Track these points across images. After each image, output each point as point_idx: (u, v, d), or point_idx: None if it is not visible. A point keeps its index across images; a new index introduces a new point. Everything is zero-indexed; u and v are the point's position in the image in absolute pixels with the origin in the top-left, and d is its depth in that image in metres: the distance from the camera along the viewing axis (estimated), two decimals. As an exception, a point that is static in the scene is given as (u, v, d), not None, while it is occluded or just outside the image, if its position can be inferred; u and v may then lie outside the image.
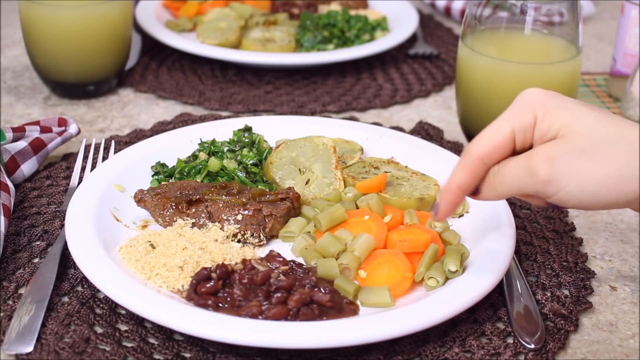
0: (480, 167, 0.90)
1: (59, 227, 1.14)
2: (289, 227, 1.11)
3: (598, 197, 0.86)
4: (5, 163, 1.21)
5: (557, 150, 0.86)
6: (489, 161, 0.90)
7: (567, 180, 0.86)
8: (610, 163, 0.85)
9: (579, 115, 0.88)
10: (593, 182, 0.85)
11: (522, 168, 0.88)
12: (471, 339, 0.97)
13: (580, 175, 0.85)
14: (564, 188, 0.86)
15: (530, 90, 0.91)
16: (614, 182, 0.85)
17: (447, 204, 0.93)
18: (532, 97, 0.90)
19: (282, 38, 1.69)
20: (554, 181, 0.86)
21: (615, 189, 0.86)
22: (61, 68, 1.49)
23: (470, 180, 0.91)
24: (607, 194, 0.86)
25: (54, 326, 0.96)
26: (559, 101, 0.89)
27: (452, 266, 1.01)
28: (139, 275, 1.00)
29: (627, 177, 0.85)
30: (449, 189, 0.92)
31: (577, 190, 0.86)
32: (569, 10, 1.27)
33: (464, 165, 0.90)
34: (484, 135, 0.90)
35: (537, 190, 0.88)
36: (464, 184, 0.91)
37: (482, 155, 0.89)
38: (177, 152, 1.25)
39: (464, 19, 1.32)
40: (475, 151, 0.90)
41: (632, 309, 1.04)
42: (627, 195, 0.86)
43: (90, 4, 1.45)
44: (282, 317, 0.94)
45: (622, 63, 1.56)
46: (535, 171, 0.86)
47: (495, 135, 0.89)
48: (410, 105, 1.58)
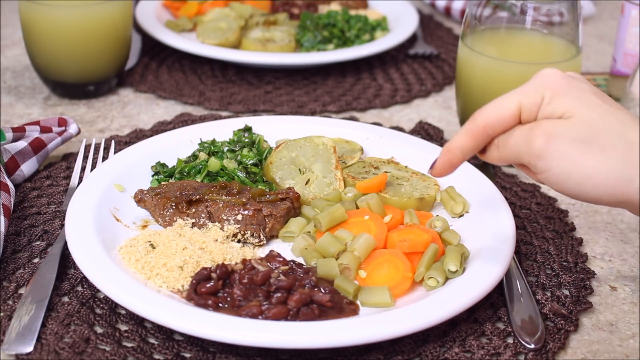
0: (482, 135, 0.92)
1: (59, 227, 1.14)
2: (289, 227, 1.11)
3: (583, 188, 0.86)
4: (5, 163, 1.21)
5: (558, 129, 0.86)
6: (491, 131, 0.91)
7: (557, 161, 0.86)
8: (604, 158, 0.85)
9: (586, 103, 0.87)
10: (582, 171, 0.85)
11: (523, 136, 0.89)
12: (471, 339, 0.97)
13: (571, 161, 0.86)
14: (553, 168, 0.87)
15: (547, 71, 0.92)
16: (603, 178, 0.85)
17: (445, 163, 0.94)
18: (546, 78, 0.91)
19: (282, 38, 1.69)
20: (546, 157, 0.87)
21: (603, 185, 0.85)
22: (61, 68, 1.49)
23: (471, 144, 0.92)
24: (593, 187, 0.86)
25: (54, 326, 0.96)
26: (571, 86, 0.89)
27: (452, 266, 1.01)
28: (139, 275, 1.00)
29: (616, 177, 0.85)
30: (449, 149, 0.94)
31: (565, 175, 0.86)
32: (569, 10, 1.27)
33: (468, 129, 0.92)
34: (492, 105, 0.92)
35: (530, 162, 0.89)
36: (464, 147, 0.93)
37: (486, 125, 0.91)
38: (177, 152, 1.25)
39: (464, 19, 1.32)
40: (481, 119, 0.91)
41: (632, 309, 1.04)
42: (612, 195, 0.86)
43: (90, 4, 1.45)
44: (282, 317, 0.94)
45: (622, 63, 1.56)
46: (532, 142, 0.87)
47: (501, 108, 0.91)
48: (410, 105, 1.58)
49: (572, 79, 0.91)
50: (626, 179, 0.84)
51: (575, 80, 0.91)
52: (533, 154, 0.88)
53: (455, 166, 0.95)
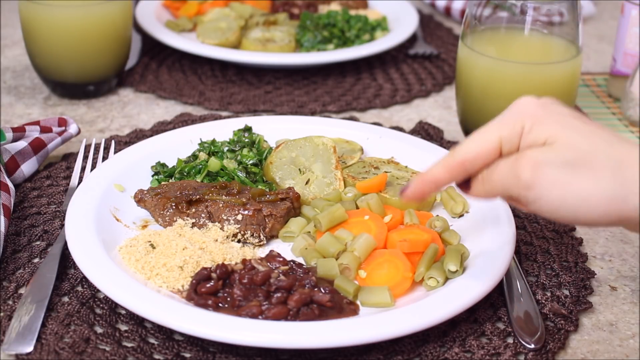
0: (459, 170, 0.90)
1: (59, 227, 1.14)
2: (289, 227, 1.11)
3: (578, 213, 0.84)
4: (5, 163, 1.21)
5: (544, 156, 0.84)
6: (470, 166, 0.89)
7: (548, 189, 0.84)
8: (595, 180, 0.83)
9: (569, 127, 0.86)
10: (575, 196, 0.83)
11: (508, 168, 0.86)
12: (471, 339, 0.97)
13: (562, 187, 0.84)
14: (545, 196, 0.85)
15: (523, 100, 0.89)
16: (596, 200, 0.83)
17: (416, 192, 0.92)
18: (523, 107, 0.88)
19: (282, 38, 1.69)
20: (536, 187, 0.85)
21: (598, 207, 0.83)
22: (61, 68, 1.49)
23: (446, 179, 0.90)
24: (588, 210, 0.83)
25: (54, 326, 0.96)
26: (551, 112, 0.87)
27: (452, 266, 1.01)
28: (139, 275, 1.00)
29: (610, 197, 0.82)
30: (423, 179, 0.92)
31: (558, 202, 0.84)
32: (569, 10, 1.27)
33: (445, 163, 0.90)
34: (471, 140, 0.89)
35: (519, 194, 0.86)
36: (439, 180, 0.91)
37: (464, 160, 0.89)
38: (177, 152, 1.25)
39: (464, 19, 1.32)
40: (459, 154, 0.89)
41: (632, 309, 1.04)
42: (609, 216, 0.84)
43: (90, 4, 1.45)
44: (282, 317, 0.94)
45: (622, 63, 1.56)
46: (519, 174, 0.85)
47: (481, 143, 0.88)
48: (410, 105, 1.58)
49: (549, 104, 0.89)
50: (620, 197, 0.82)
51: (552, 105, 0.89)
52: (522, 185, 0.85)
53: (426, 197, 0.93)
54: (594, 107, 1.56)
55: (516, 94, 1.27)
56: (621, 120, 1.51)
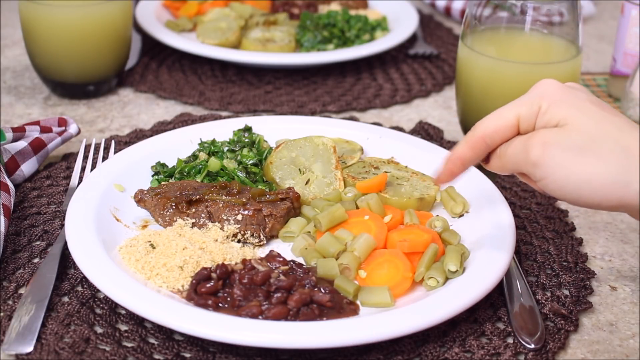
0: (481, 145, 0.95)
1: (59, 227, 1.14)
2: (289, 227, 1.11)
3: (581, 194, 0.88)
4: (5, 163, 1.21)
5: (554, 138, 0.88)
6: (490, 141, 0.94)
7: (554, 169, 0.88)
8: (601, 164, 0.86)
9: (582, 111, 0.89)
10: (579, 177, 0.87)
11: (521, 145, 0.91)
12: (471, 339, 0.97)
13: (568, 167, 0.87)
14: (550, 175, 0.88)
15: (544, 81, 0.93)
16: (599, 183, 0.86)
17: (447, 172, 0.98)
18: (544, 88, 0.92)
19: (282, 38, 1.69)
20: (542, 166, 0.89)
21: (600, 190, 0.87)
22: (61, 68, 1.49)
23: (471, 154, 0.96)
24: (591, 193, 0.87)
25: (54, 326, 0.96)
26: (568, 95, 0.91)
27: (452, 266, 1.01)
28: (139, 275, 1.00)
29: (613, 182, 0.86)
30: (450, 159, 0.97)
31: (562, 181, 0.88)
32: (569, 10, 1.27)
33: (467, 140, 0.96)
34: (491, 117, 0.94)
35: (528, 171, 0.91)
36: (464, 156, 0.96)
37: (484, 135, 0.94)
38: (177, 152, 1.25)
39: (464, 19, 1.32)
40: (479, 130, 0.94)
41: (632, 309, 1.04)
42: (610, 200, 0.87)
43: (90, 4, 1.45)
44: (282, 317, 0.94)
45: (622, 63, 1.56)
46: (529, 151, 0.89)
47: (499, 119, 0.93)
48: (410, 105, 1.58)
49: (570, 89, 0.92)
50: (623, 183, 0.85)
51: (573, 89, 0.92)
52: (530, 162, 0.90)
53: (456, 174, 0.98)
54: (594, 107, 1.56)
55: (516, 94, 1.27)
56: (621, 120, 1.51)
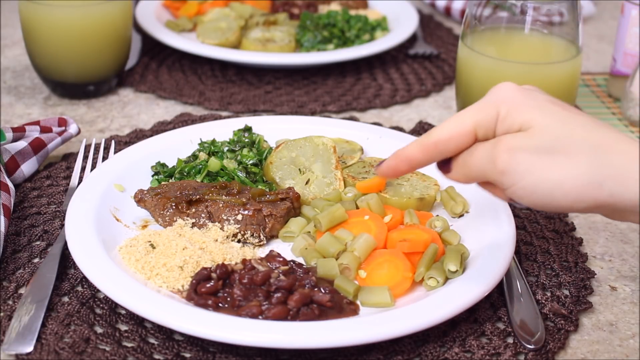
0: (432, 150, 0.90)
1: (59, 227, 1.14)
2: (289, 227, 1.11)
3: (553, 198, 0.84)
4: (5, 163, 1.21)
5: (519, 142, 0.84)
6: (443, 148, 0.89)
7: (522, 175, 0.84)
8: (571, 165, 0.83)
9: (544, 112, 0.85)
10: (549, 181, 0.83)
11: (486, 154, 0.87)
12: (471, 339, 0.97)
13: (536, 172, 0.84)
14: (519, 182, 0.85)
15: (502, 85, 0.90)
16: (571, 185, 0.83)
17: (391, 167, 0.93)
18: (501, 92, 0.89)
19: (282, 38, 1.69)
20: (510, 173, 0.85)
21: (572, 193, 0.83)
22: (61, 68, 1.49)
23: (420, 158, 0.91)
24: (563, 196, 0.83)
25: (54, 326, 0.96)
26: (528, 97, 0.87)
27: (452, 266, 1.01)
28: (139, 275, 1.00)
29: (586, 183, 0.82)
30: (397, 156, 0.93)
31: (532, 187, 0.84)
32: (569, 10, 1.27)
33: (420, 142, 0.91)
34: (447, 123, 0.90)
35: (495, 180, 0.87)
36: (413, 158, 0.91)
37: (437, 141, 0.89)
38: (177, 152, 1.25)
39: (464, 19, 1.32)
40: (434, 135, 0.90)
41: (632, 309, 1.04)
42: (584, 202, 0.83)
43: (90, 4, 1.45)
44: (282, 317, 0.94)
45: (622, 63, 1.56)
46: (495, 159, 0.85)
47: (455, 126, 0.89)
48: (410, 105, 1.58)
49: (527, 90, 0.89)
50: (596, 182, 0.82)
51: (531, 91, 0.89)
52: (497, 170, 0.86)
53: (400, 173, 0.94)
54: (594, 107, 1.56)
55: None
56: (621, 120, 1.51)
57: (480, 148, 0.88)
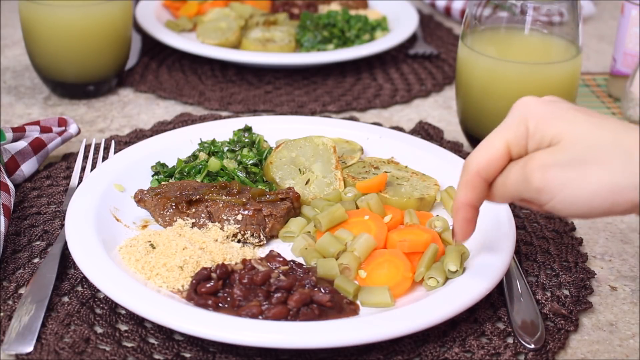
0: (479, 181, 0.91)
1: (59, 227, 1.14)
2: (289, 227, 1.11)
3: (592, 206, 0.84)
4: (5, 163, 1.21)
5: (551, 158, 0.85)
6: (486, 175, 0.90)
7: (559, 189, 0.84)
8: (604, 172, 0.83)
9: (573, 122, 0.86)
10: (586, 191, 0.83)
11: (519, 174, 0.87)
12: (471, 339, 0.97)
13: (572, 184, 0.84)
14: (556, 196, 0.85)
15: (523, 100, 0.90)
16: (608, 191, 0.83)
17: (462, 222, 0.94)
18: (525, 107, 0.89)
19: (282, 38, 1.69)
20: (546, 189, 0.85)
21: (610, 198, 0.83)
22: (61, 68, 1.49)
23: (473, 195, 0.92)
24: (602, 202, 0.83)
25: (54, 326, 0.96)
26: (553, 108, 0.88)
27: (452, 266, 1.01)
28: (139, 275, 1.00)
29: (622, 186, 0.82)
30: (457, 208, 0.93)
31: (570, 199, 0.84)
32: (569, 10, 1.27)
33: (464, 182, 0.91)
34: (479, 150, 0.90)
35: (532, 198, 0.87)
36: (469, 200, 0.92)
37: (479, 170, 0.90)
38: (177, 152, 1.25)
39: (464, 19, 1.32)
40: (472, 167, 0.90)
41: (632, 309, 1.04)
42: (623, 204, 0.83)
43: (90, 4, 1.45)
44: (282, 317, 0.94)
45: (622, 63, 1.56)
46: (529, 178, 0.86)
47: (489, 150, 0.89)
48: (410, 105, 1.58)
49: (550, 102, 0.89)
50: (632, 186, 0.82)
51: (554, 102, 0.89)
52: (533, 189, 0.86)
53: (472, 221, 0.94)
54: (594, 107, 1.56)
55: (516, 94, 1.27)
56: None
57: (513, 169, 0.88)
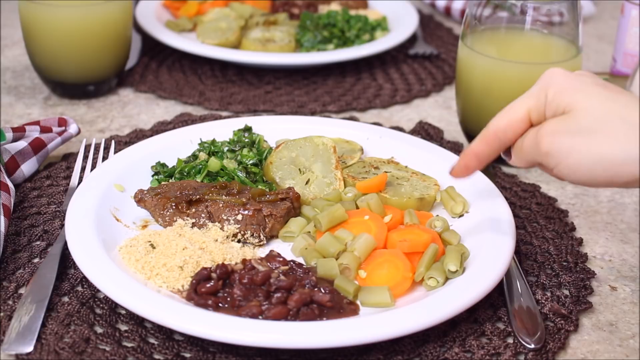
0: (494, 140, 0.97)
1: (59, 227, 1.14)
2: (289, 227, 1.11)
3: (594, 174, 0.89)
4: (5, 163, 1.21)
5: (560, 126, 0.90)
6: (503, 136, 0.96)
7: (565, 155, 0.90)
8: (609, 143, 0.87)
9: (587, 94, 0.90)
10: (590, 159, 0.88)
11: (532, 139, 0.93)
12: (471, 339, 0.97)
13: (578, 151, 0.89)
14: (562, 161, 0.90)
15: (550, 70, 0.95)
16: (610, 161, 0.87)
17: (462, 166, 1.01)
18: (549, 77, 0.94)
19: (282, 38, 1.69)
20: (553, 154, 0.91)
21: (612, 168, 0.88)
22: (61, 68, 1.49)
23: (485, 150, 0.98)
24: (603, 171, 0.88)
25: (54, 326, 0.96)
26: (574, 81, 0.92)
27: (452, 266, 1.01)
28: (139, 275, 1.00)
29: (623, 158, 0.87)
30: (466, 153, 1.00)
31: (575, 165, 0.90)
32: (569, 10, 1.27)
33: (481, 136, 0.98)
34: (502, 112, 0.96)
35: (542, 161, 0.93)
36: (479, 151, 0.98)
37: (497, 130, 0.96)
38: (177, 152, 1.25)
39: (464, 19, 1.32)
40: (492, 126, 0.97)
41: (632, 309, 1.04)
42: (623, 176, 0.88)
43: (90, 4, 1.45)
44: (282, 317, 0.94)
45: (622, 63, 1.56)
46: (539, 142, 0.92)
47: (510, 114, 0.95)
48: (410, 105, 1.58)
49: (575, 75, 0.93)
50: (633, 158, 0.86)
51: (578, 75, 0.94)
52: (542, 153, 0.92)
53: (471, 169, 1.00)
54: (594, 107, 1.56)
55: (516, 94, 1.27)
56: (621, 120, 1.51)
57: (529, 134, 0.94)
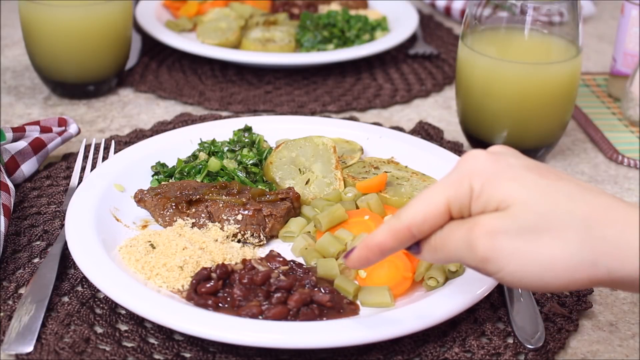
0: (405, 235, 0.82)
1: (59, 227, 1.14)
2: (289, 227, 1.11)
3: (544, 282, 0.76)
4: (5, 163, 1.21)
5: (499, 225, 0.76)
6: (417, 231, 0.81)
7: (507, 260, 0.76)
8: (558, 244, 0.75)
9: (522, 184, 0.77)
10: (537, 265, 0.75)
11: (463, 239, 0.79)
12: (471, 339, 0.97)
13: (522, 256, 0.76)
14: (504, 268, 0.77)
15: (471, 154, 0.81)
16: (562, 266, 0.75)
17: (361, 259, 0.86)
18: (471, 163, 0.80)
19: (282, 38, 1.69)
20: (494, 259, 0.77)
21: (564, 274, 0.75)
22: (61, 68, 1.49)
23: (392, 244, 0.83)
24: (555, 278, 0.76)
25: (54, 326, 0.96)
26: (500, 167, 0.79)
27: (452, 266, 1.01)
28: (139, 275, 1.00)
29: (578, 262, 0.74)
30: (367, 245, 0.84)
31: (520, 272, 0.76)
32: (569, 10, 1.27)
33: (390, 228, 0.82)
34: (416, 203, 0.81)
35: (477, 267, 0.79)
36: (384, 246, 0.83)
37: (410, 225, 0.81)
38: (177, 152, 1.25)
39: (464, 19, 1.32)
40: (405, 218, 0.81)
41: (632, 309, 1.04)
42: (579, 280, 0.75)
43: (90, 4, 1.45)
44: (282, 317, 0.94)
45: (622, 63, 1.56)
46: (475, 246, 0.77)
47: (426, 206, 0.80)
48: (410, 105, 1.58)
49: (499, 156, 0.80)
50: (589, 261, 0.74)
51: (502, 156, 0.80)
52: (478, 258, 0.78)
53: (371, 263, 0.86)
54: (594, 107, 1.56)
55: (516, 94, 1.27)
56: (621, 120, 1.51)
57: (456, 233, 0.79)
